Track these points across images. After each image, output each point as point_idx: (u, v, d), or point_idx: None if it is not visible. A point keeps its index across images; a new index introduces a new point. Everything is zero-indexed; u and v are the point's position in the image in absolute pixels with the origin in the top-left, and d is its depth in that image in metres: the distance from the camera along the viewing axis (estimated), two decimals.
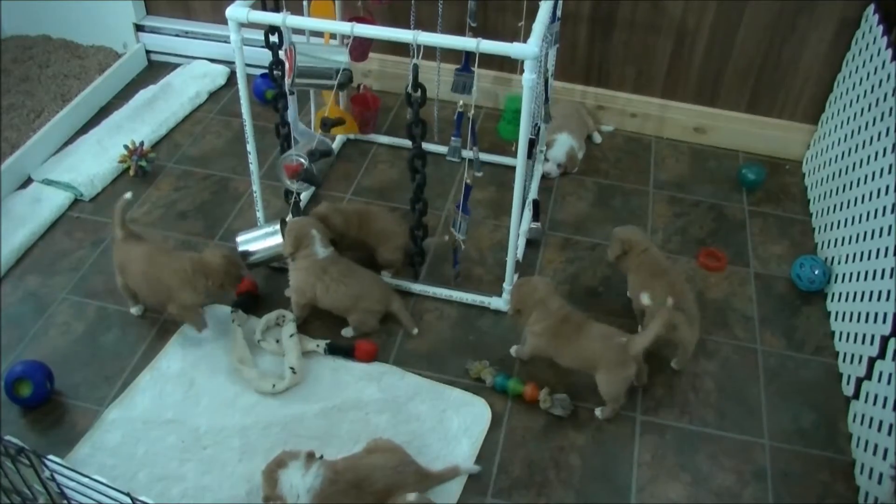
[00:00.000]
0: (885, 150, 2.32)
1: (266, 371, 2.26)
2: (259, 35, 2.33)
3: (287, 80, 2.18)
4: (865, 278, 2.29)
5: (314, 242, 2.31)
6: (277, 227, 2.43)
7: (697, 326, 2.29)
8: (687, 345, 2.27)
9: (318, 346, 2.31)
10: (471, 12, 2.63)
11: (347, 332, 2.38)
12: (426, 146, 2.24)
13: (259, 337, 2.33)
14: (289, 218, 2.45)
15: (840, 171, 2.66)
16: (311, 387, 2.23)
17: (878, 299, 2.17)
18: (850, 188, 2.54)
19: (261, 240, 2.45)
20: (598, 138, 3.16)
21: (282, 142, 2.45)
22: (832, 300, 2.51)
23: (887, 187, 2.25)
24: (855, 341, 2.27)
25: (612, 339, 2.12)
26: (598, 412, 2.19)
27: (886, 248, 2.18)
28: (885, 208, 2.25)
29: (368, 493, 1.86)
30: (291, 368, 2.22)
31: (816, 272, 2.53)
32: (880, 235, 2.24)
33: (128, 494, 1.42)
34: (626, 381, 2.13)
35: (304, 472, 1.82)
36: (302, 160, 2.30)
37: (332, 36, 2.84)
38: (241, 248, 2.44)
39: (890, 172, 2.25)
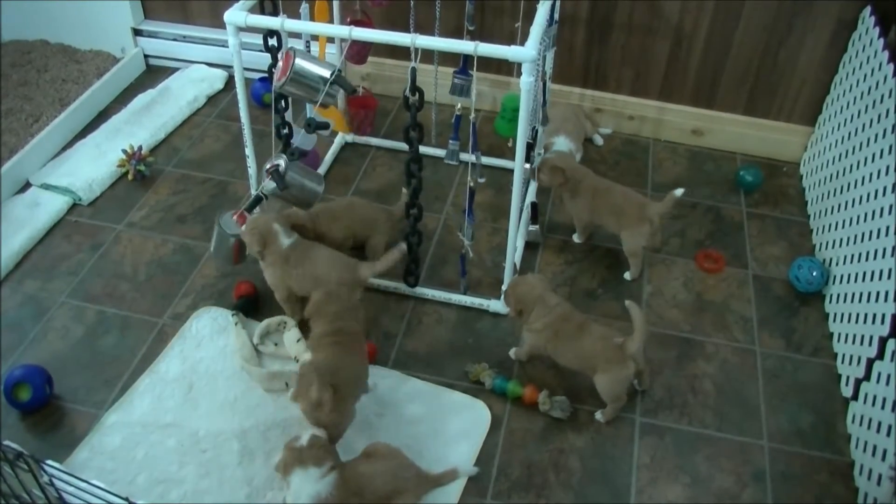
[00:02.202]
0: (882, 151, 2.32)
1: (276, 371, 2.26)
2: (256, 39, 2.33)
3: (276, 82, 2.17)
4: (864, 279, 2.29)
5: (279, 236, 2.28)
6: (217, 221, 2.41)
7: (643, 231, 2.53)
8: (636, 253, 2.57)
9: None
10: (468, 15, 2.63)
11: None
12: (424, 150, 2.24)
13: (257, 341, 2.33)
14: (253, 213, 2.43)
15: (838, 172, 2.66)
16: None
17: (877, 300, 2.17)
18: (848, 190, 2.54)
19: (222, 240, 2.41)
20: (599, 140, 3.16)
21: (284, 142, 2.45)
22: (830, 301, 2.51)
23: (885, 188, 2.26)
24: (853, 342, 2.27)
25: (610, 339, 2.13)
26: (598, 415, 2.19)
27: (884, 250, 2.19)
28: (882, 209, 2.25)
29: (369, 499, 1.86)
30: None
31: (814, 273, 2.53)
32: (878, 237, 2.25)
33: (126, 499, 1.42)
34: (625, 381, 2.14)
35: (317, 480, 1.80)
36: (280, 162, 2.27)
37: (330, 40, 2.85)
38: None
39: (888, 174, 2.26)
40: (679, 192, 2.48)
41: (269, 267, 2.31)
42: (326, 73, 2.15)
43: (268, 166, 2.31)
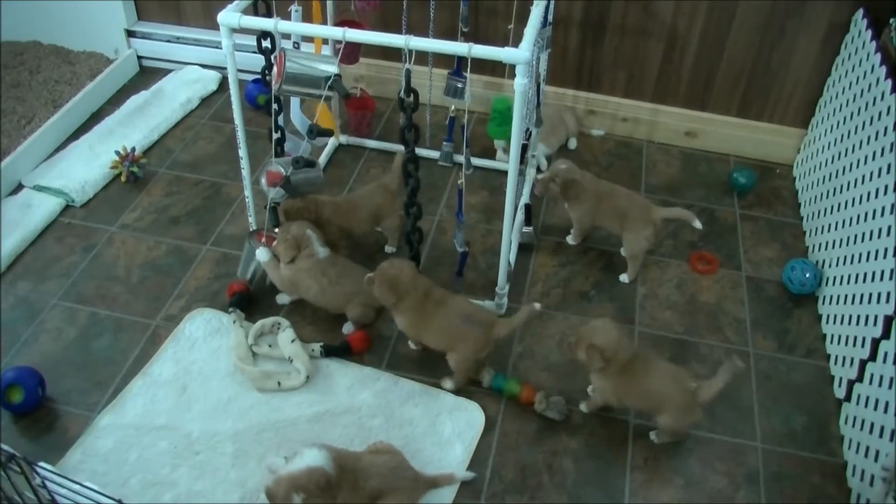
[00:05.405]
0: (875, 153, 2.33)
1: (269, 370, 2.27)
2: (250, 40, 2.33)
3: (274, 86, 2.18)
4: (856, 281, 2.30)
5: (312, 243, 2.32)
6: (248, 240, 2.49)
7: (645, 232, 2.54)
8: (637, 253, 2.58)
9: (313, 350, 2.31)
10: (462, 17, 2.63)
11: (348, 327, 2.40)
12: (418, 151, 2.24)
13: (251, 341, 2.33)
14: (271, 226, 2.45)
15: (830, 174, 2.67)
16: (305, 392, 2.23)
17: (869, 302, 2.18)
18: (841, 191, 2.55)
19: (251, 261, 2.48)
20: (573, 144, 3.15)
21: (275, 146, 2.45)
22: (823, 303, 2.52)
23: (877, 190, 2.27)
24: (846, 344, 2.28)
25: (682, 383, 2.05)
26: (652, 436, 2.17)
27: (877, 251, 2.19)
28: (876, 211, 2.26)
29: (361, 486, 1.86)
30: (304, 368, 2.25)
31: (807, 275, 2.54)
32: (871, 238, 2.25)
33: (118, 501, 1.41)
34: (689, 423, 2.11)
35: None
36: (282, 169, 2.29)
37: (324, 42, 2.85)
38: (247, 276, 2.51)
39: (880, 176, 2.26)
40: (698, 225, 2.50)
41: (301, 272, 2.32)
42: (321, 70, 2.15)
43: (264, 180, 2.30)
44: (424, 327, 2.21)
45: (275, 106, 2.36)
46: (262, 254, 2.37)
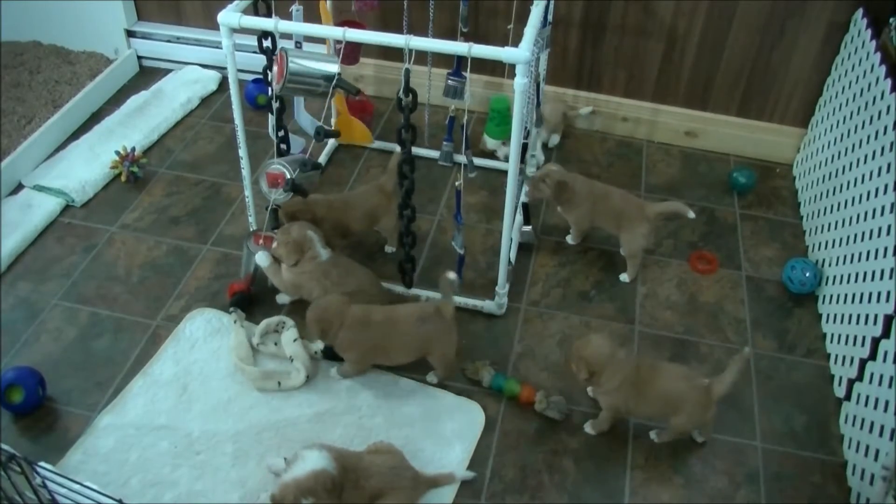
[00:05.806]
0: (875, 152, 2.33)
1: (269, 370, 2.27)
2: (250, 40, 2.33)
3: (276, 86, 2.18)
4: (856, 280, 2.30)
5: (314, 244, 2.31)
6: (245, 243, 2.48)
7: (643, 231, 2.55)
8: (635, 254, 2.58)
9: (316, 353, 2.31)
10: (462, 17, 2.63)
11: None
12: (417, 151, 2.24)
13: (258, 340, 2.33)
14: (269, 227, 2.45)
15: (830, 173, 2.67)
16: (305, 392, 2.23)
17: (869, 301, 2.18)
18: (841, 191, 2.55)
19: (250, 262, 2.48)
20: (554, 140, 3.15)
21: (277, 145, 2.45)
22: (823, 302, 2.52)
23: (877, 189, 2.27)
24: (846, 343, 2.28)
25: (695, 380, 2.05)
26: (653, 435, 2.17)
27: (877, 250, 2.19)
28: (875, 210, 2.26)
29: (362, 485, 1.86)
30: (304, 368, 2.25)
31: (807, 274, 2.54)
32: (871, 237, 2.25)
33: (119, 501, 1.41)
34: (706, 421, 2.11)
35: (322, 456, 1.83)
36: (285, 171, 2.27)
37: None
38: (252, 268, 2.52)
39: (880, 175, 2.27)
40: (691, 214, 2.50)
41: (304, 275, 2.32)
42: (323, 70, 2.15)
43: (265, 184, 2.29)
44: (383, 350, 2.19)
45: (276, 105, 2.36)
46: (262, 258, 2.37)
